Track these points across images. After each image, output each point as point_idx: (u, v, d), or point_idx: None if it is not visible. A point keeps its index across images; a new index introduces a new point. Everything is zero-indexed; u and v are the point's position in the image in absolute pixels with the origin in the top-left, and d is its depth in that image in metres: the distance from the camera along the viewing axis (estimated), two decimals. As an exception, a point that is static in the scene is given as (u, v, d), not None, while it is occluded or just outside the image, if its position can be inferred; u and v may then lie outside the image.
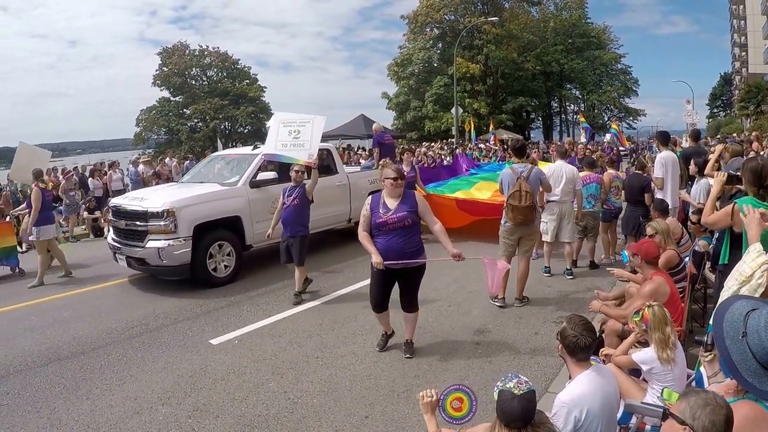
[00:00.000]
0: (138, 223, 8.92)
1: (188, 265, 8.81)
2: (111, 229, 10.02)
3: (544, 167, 9.55)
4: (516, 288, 7.57)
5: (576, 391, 3.18)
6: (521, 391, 2.77)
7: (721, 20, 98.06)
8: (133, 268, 9.30)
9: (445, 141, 38.06)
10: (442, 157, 24.93)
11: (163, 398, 5.31)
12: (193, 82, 63.07)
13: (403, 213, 5.54)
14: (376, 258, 5.48)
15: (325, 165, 11.13)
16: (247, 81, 64.52)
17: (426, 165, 20.09)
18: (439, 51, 58.88)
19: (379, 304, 5.95)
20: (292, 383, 5.47)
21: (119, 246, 9.27)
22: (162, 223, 8.65)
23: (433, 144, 34.39)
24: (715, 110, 79.21)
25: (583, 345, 3.25)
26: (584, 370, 3.29)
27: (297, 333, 6.85)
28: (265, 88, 65.25)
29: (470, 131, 35.29)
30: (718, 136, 34.54)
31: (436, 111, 52.16)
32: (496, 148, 29.77)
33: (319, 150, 11.73)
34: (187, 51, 62.23)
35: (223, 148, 27.10)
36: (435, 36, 59.14)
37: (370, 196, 5.81)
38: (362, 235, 5.68)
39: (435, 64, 57.21)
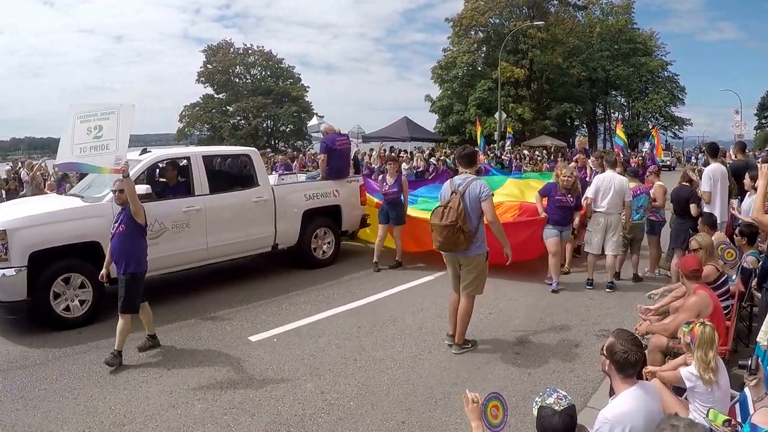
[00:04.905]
0: None
1: (25, 301, 6.92)
2: None
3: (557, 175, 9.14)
4: (456, 328, 6.25)
5: (620, 408, 3.12)
6: (562, 407, 2.74)
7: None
8: None
9: (487, 146, 37.76)
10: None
11: (200, 393, 5.36)
12: (237, 80, 63.81)
13: None
14: None
15: (244, 175, 9.62)
16: (291, 80, 65.03)
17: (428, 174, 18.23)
18: (483, 55, 58.52)
19: None
20: (330, 384, 5.47)
21: None
22: None
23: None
24: (764, 121, 76.78)
25: (634, 361, 3.18)
26: (629, 387, 3.23)
27: (336, 334, 6.84)
28: (308, 87, 65.75)
29: (478, 137, 33.33)
30: (767, 148, 33.69)
31: (479, 115, 51.86)
32: (509, 157, 28.33)
33: (238, 155, 10.54)
34: (232, 49, 63.00)
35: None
36: (479, 39, 58.80)
37: None
38: None
39: (479, 68, 56.89)
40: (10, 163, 21.70)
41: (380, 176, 10.65)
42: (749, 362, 3.18)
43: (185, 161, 8.76)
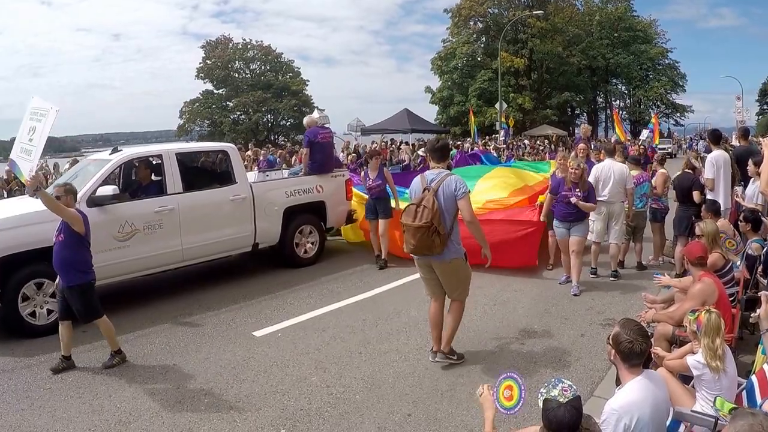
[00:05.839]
0: None
1: None
2: None
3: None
4: (445, 333, 5.70)
5: (627, 398, 3.10)
6: (567, 399, 2.72)
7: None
8: None
9: (488, 137, 37.68)
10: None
11: (206, 388, 5.36)
12: (236, 75, 63.66)
13: None
14: None
15: (221, 172, 9.25)
16: (290, 74, 64.86)
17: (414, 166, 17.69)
18: (482, 45, 58.46)
19: None
20: (335, 378, 5.47)
21: None
22: None
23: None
24: (765, 107, 76.28)
25: (639, 351, 3.16)
26: (635, 376, 3.21)
27: (340, 328, 6.84)
28: (308, 81, 65.61)
29: (472, 127, 32.71)
30: (771, 136, 33.47)
31: (480, 106, 51.68)
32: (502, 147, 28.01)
33: (214, 152, 9.86)
34: (231, 44, 62.86)
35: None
36: (479, 30, 58.68)
37: None
38: None
39: (479, 59, 56.85)
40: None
41: (363, 172, 10.34)
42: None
43: (158, 159, 8.37)
